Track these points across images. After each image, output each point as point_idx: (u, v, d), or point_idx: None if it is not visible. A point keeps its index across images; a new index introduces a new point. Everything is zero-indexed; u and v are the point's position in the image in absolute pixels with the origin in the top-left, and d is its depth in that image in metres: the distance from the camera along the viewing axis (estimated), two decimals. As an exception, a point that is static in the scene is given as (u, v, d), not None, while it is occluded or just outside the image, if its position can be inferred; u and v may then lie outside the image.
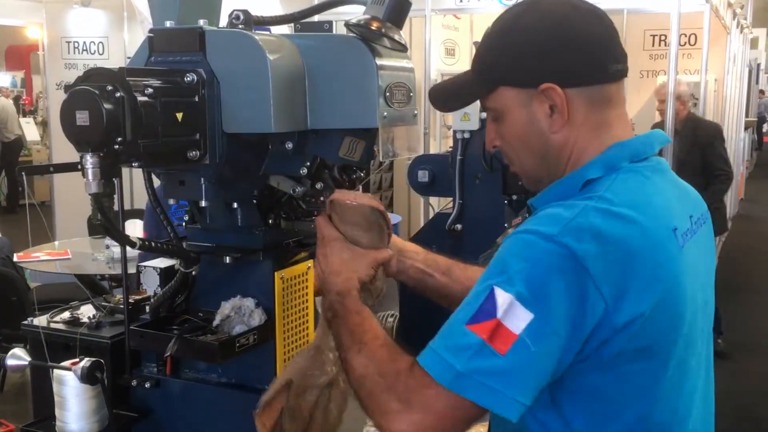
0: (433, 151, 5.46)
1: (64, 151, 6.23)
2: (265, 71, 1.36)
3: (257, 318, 1.55)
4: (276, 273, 1.57)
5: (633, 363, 1.14)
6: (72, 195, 6.51)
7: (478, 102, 1.49)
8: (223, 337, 1.50)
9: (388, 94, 1.41)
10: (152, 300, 1.63)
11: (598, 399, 1.17)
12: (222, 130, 1.41)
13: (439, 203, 3.97)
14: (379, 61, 1.40)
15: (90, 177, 1.26)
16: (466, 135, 2.90)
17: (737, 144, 10.12)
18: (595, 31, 1.21)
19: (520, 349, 1.06)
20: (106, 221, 1.31)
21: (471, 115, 2.85)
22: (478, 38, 1.35)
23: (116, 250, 4.51)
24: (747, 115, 12.55)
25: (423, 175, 3.06)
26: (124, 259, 1.68)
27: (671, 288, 1.15)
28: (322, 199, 1.53)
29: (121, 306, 1.84)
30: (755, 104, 16.23)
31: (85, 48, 7.11)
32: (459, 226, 2.96)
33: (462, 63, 7.34)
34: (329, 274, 1.36)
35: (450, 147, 3.35)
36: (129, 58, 1.66)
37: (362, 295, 1.35)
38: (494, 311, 1.07)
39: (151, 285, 1.67)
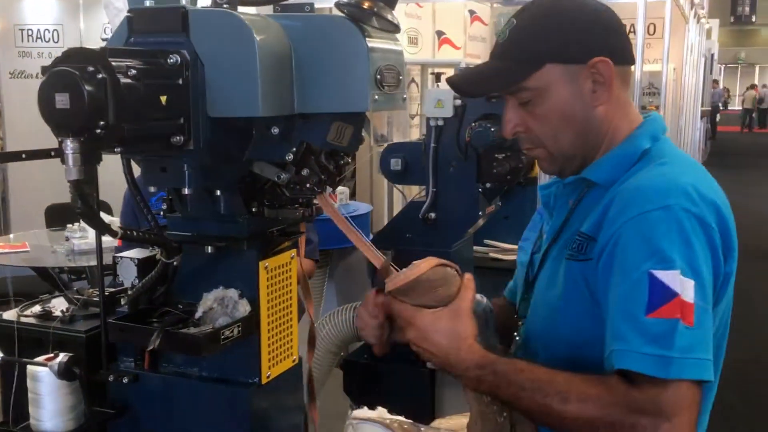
0: (396, 140, 5.43)
1: (19, 141, 6.05)
2: (253, 52, 1.31)
3: (242, 309, 1.50)
4: (260, 263, 1.52)
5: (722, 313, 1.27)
6: (28, 186, 6.33)
7: (451, 90, 1.71)
8: (208, 330, 1.45)
9: (378, 77, 1.37)
10: (130, 292, 1.57)
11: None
12: (206, 114, 1.35)
13: (406, 193, 3.94)
14: (370, 43, 1.35)
15: (71, 163, 1.19)
16: (440, 122, 2.87)
17: (694, 134, 10.28)
18: (618, 18, 1.35)
19: (701, 314, 1.15)
20: (87, 209, 1.24)
21: (445, 102, 2.82)
22: (441, 27, 1.40)
23: (77, 242, 4.39)
24: (702, 105, 12.77)
25: (395, 164, 3.02)
26: (100, 250, 1.62)
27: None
28: (308, 185, 1.49)
29: (95, 299, 1.77)
30: (709, 94, 16.53)
31: (39, 36, 6.89)
32: (433, 215, 2.93)
33: (425, 51, 7.30)
34: (447, 355, 1.31)
35: (423, 135, 3.32)
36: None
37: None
38: (672, 291, 1.14)
39: (128, 277, 1.61)
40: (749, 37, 37.62)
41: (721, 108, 27.44)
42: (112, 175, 1.58)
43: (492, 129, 2.74)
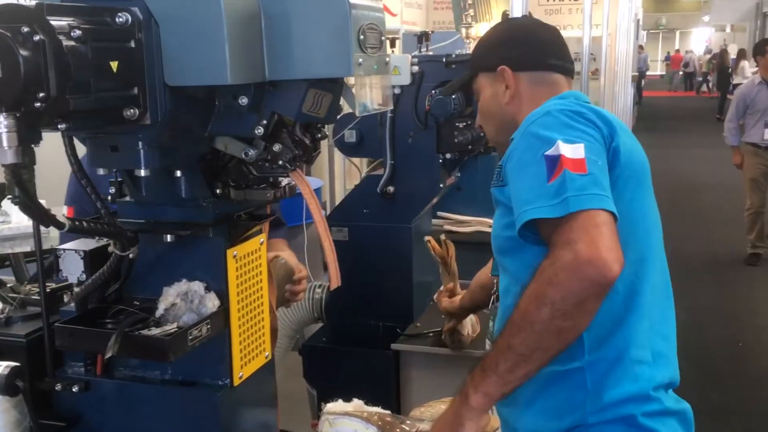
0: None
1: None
2: (218, 10, 1.12)
3: (209, 304, 1.33)
4: (229, 251, 1.35)
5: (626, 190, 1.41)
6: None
7: (408, 56, 2.44)
8: (172, 330, 1.27)
9: (362, 37, 1.20)
10: (76, 289, 1.38)
11: None
12: (164, 83, 1.16)
13: (362, 165, 3.77)
14: (352, -1, 1.18)
15: (5, 143, 1.00)
16: (397, 90, 2.71)
17: (626, 99, 10.38)
18: (544, 36, 1.69)
19: (592, 165, 1.31)
20: (26, 198, 1.05)
21: (401, 69, 2.65)
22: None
23: (-1, 227, 4.07)
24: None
25: (350, 135, 2.85)
26: (39, 242, 1.41)
27: (635, 145, 1.50)
28: (280, 163, 1.32)
29: (33, 297, 1.57)
30: (635, 59, 16.77)
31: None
32: (391, 189, 2.77)
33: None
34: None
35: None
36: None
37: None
38: (556, 156, 1.31)
39: (73, 271, 1.41)
40: (670, 2, 38.43)
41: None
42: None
43: (453, 96, 2.59)
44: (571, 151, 1.32)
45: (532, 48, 1.66)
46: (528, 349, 1.27)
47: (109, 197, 1.39)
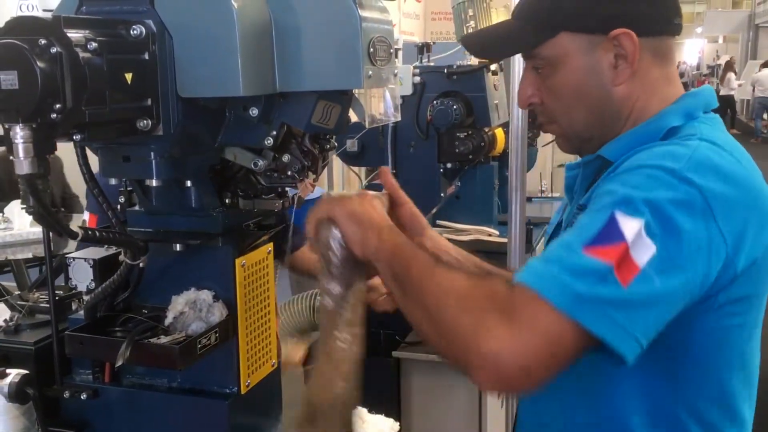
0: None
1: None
2: (231, 22, 1.14)
3: (217, 313, 1.34)
4: (237, 260, 1.36)
5: (733, 317, 1.08)
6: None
7: (410, 66, 1.44)
8: (182, 338, 1.28)
9: (371, 50, 1.22)
10: (87, 297, 1.39)
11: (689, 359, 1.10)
12: (176, 94, 1.18)
13: (361, 173, 3.79)
14: (362, 12, 1.20)
15: (21, 154, 1.01)
16: (399, 100, 2.73)
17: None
18: None
19: (644, 283, 0.94)
20: (41, 208, 1.06)
21: (403, 80, 2.67)
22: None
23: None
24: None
25: (352, 145, 2.87)
26: (49, 250, 1.42)
27: None
28: (289, 173, 1.33)
29: (42, 305, 1.58)
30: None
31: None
32: (392, 198, 2.80)
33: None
34: (358, 224, 1.13)
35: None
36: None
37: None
38: (622, 236, 0.95)
39: (82, 280, 1.42)
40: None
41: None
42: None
43: (454, 107, 2.62)
44: (637, 243, 0.95)
45: (653, 2, 1.17)
46: (414, 294, 1.05)
47: (119, 206, 1.40)
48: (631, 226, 0.96)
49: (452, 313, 0.98)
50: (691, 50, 32.39)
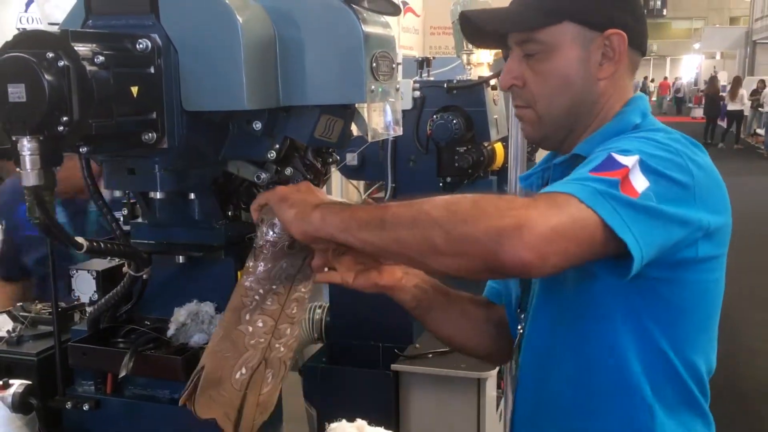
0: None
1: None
2: (236, 36, 1.15)
3: (220, 324, 1.35)
4: (239, 272, 1.37)
5: (710, 272, 1.20)
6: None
7: (410, 81, 1.42)
8: (184, 350, 1.29)
9: (374, 65, 1.24)
10: (89, 308, 1.40)
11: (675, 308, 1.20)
12: (181, 108, 1.19)
13: (360, 186, 3.80)
14: (365, 28, 1.22)
15: (28, 166, 1.02)
16: (400, 115, 2.75)
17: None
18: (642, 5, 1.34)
19: (647, 199, 1.05)
20: (48, 219, 1.07)
21: (403, 94, 2.69)
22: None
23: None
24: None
25: (351, 158, 2.89)
26: (53, 262, 1.43)
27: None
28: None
29: (44, 316, 1.59)
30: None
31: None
32: (392, 211, 2.81)
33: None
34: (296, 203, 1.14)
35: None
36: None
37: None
38: (621, 164, 1.06)
39: (85, 291, 1.43)
40: (660, 30, 38.79)
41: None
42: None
43: (454, 121, 2.64)
44: (635, 173, 1.06)
45: (643, 21, 1.30)
46: (404, 222, 1.08)
47: (121, 218, 1.41)
48: (627, 160, 1.07)
49: (472, 209, 1.02)
50: (689, 66, 32.67)
